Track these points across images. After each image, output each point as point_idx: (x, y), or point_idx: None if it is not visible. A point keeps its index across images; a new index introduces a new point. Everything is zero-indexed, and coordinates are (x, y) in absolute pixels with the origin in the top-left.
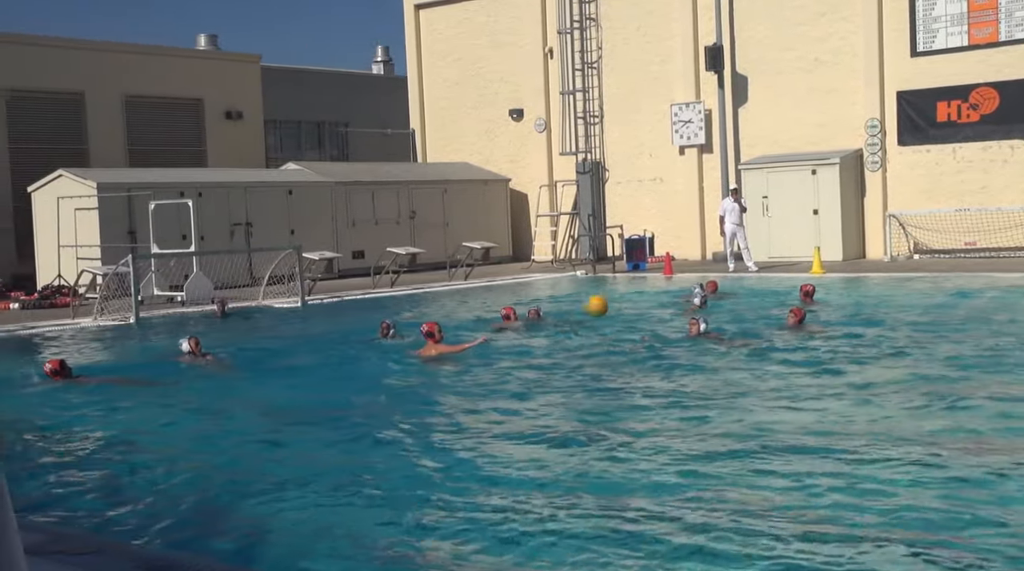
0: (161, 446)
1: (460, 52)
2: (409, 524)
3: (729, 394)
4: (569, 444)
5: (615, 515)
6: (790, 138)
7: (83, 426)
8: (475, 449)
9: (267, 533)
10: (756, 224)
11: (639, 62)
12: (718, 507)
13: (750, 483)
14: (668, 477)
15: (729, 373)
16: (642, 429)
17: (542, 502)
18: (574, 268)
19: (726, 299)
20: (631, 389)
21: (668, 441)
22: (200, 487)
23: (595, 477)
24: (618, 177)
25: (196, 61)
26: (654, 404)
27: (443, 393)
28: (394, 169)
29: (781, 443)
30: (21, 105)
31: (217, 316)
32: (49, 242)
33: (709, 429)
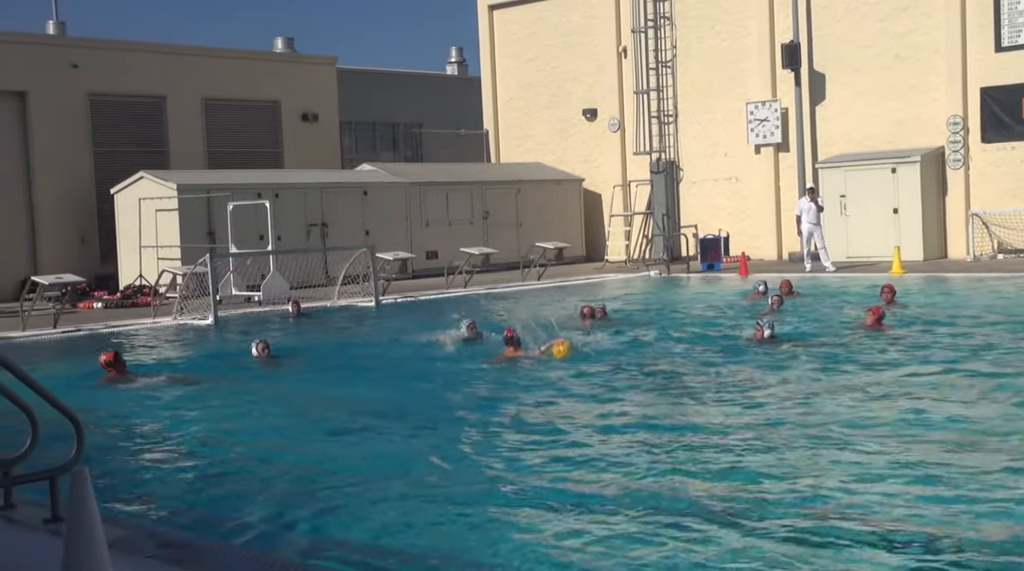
0: (234, 444)
1: (533, 52)
2: (475, 521)
3: (798, 396)
4: (638, 446)
5: (688, 514)
6: (869, 136)
7: (158, 423)
8: (547, 448)
9: (334, 530)
10: (834, 224)
11: (714, 60)
12: (801, 510)
13: (825, 486)
14: (741, 479)
15: (799, 375)
16: (712, 431)
17: (610, 505)
18: (648, 268)
19: (800, 299)
20: (699, 391)
21: (739, 443)
22: (271, 484)
23: (670, 476)
24: (693, 176)
25: (273, 64)
26: (722, 406)
27: (515, 394)
28: (467, 169)
29: (856, 445)
30: (104, 109)
31: (292, 316)
32: (131, 243)
33: (781, 431)
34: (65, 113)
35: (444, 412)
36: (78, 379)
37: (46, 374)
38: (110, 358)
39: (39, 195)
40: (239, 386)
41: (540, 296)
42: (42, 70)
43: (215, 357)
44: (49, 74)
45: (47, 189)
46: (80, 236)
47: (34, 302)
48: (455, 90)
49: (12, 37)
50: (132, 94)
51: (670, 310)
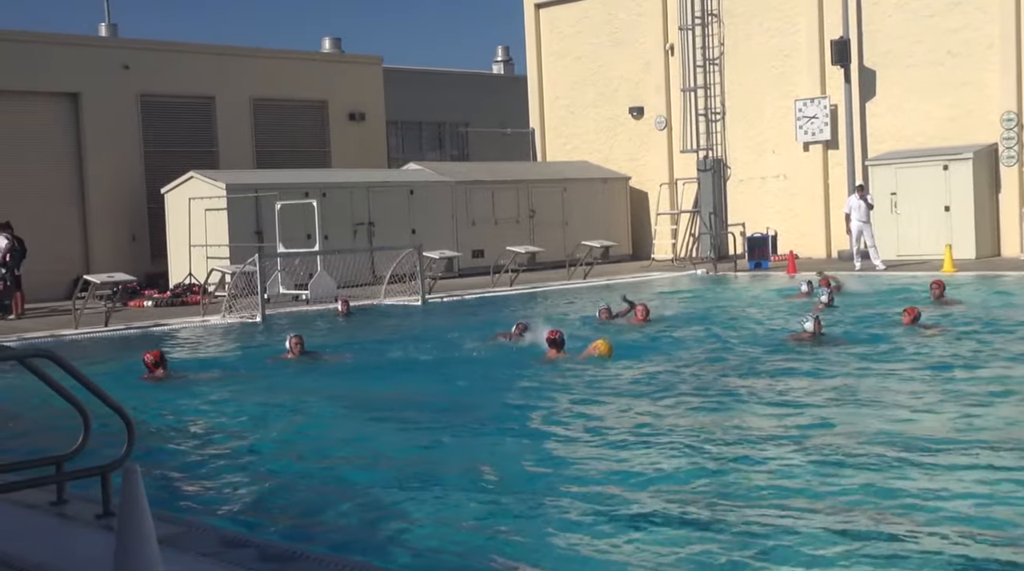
0: (282, 441)
1: (580, 51)
2: (517, 515)
3: (840, 396)
4: (682, 447)
5: (731, 511)
6: (920, 133)
7: (206, 420)
8: (594, 447)
9: (382, 526)
10: (884, 221)
11: (762, 57)
12: (847, 512)
13: (863, 487)
14: (784, 480)
15: (842, 374)
16: (755, 430)
17: (652, 502)
18: (695, 266)
19: (846, 298)
20: (744, 390)
21: (779, 443)
22: (317, 480)
23: (711, 479)
24: (740, 174)
25: (320, 64)
26: (765, 405)
27: (559, 393)
28: (513, 168)
29: (899, 447)
30: (155, 109)
31: (341, 314)
32: (181, 242)
33: (824, 432)
34: (116, 114)
35: (486, 412)
36: (126, 376)
37: (97, 371)
38: (156, 357)
39: (91, 195)
40: (285, 384)
41: (586, 295)
42: (94, 72)
43: (263, 355)
44: (101, 75)
45: (99, 189)
46: (131, 235)
47: (86, 300)
48: (501, 89)
49: (65, 39)
50: (182, 95)
51: (715, 308)
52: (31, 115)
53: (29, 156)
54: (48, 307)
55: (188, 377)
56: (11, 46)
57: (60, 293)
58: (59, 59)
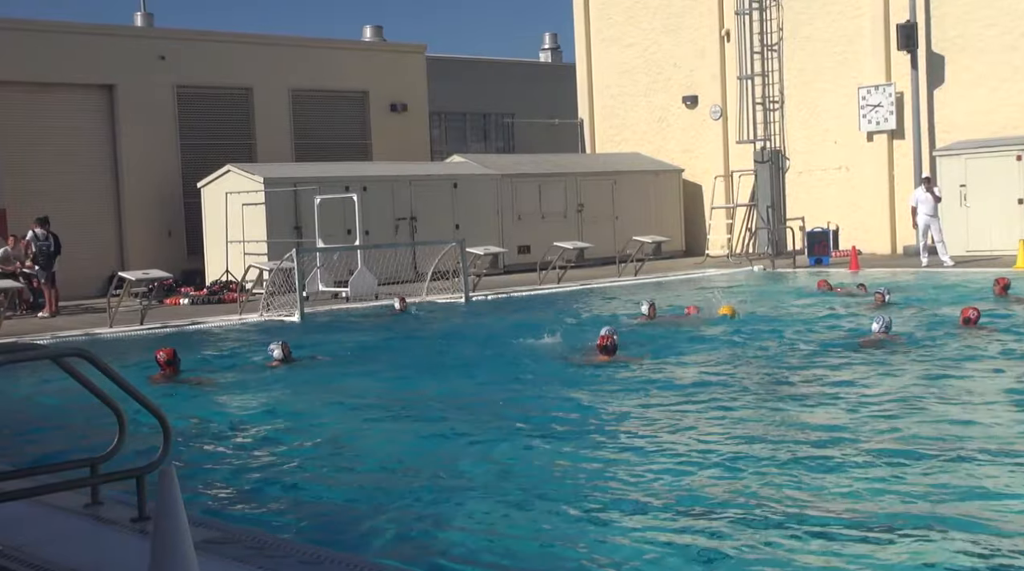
0: (313, 444)
1: (631, 37)
2: (554, 520)
3: (898, 398)
4: (732, 451)
5: (792, 514)
6: (991, 122)
7: (234, 423)
8: (650, 446)
9: (411, 528)
10: (952, 215)
11: (823, 43)
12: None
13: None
14: (850, 482)
15: (899, 376)
16: (817, 430)
17: (696, 509)
18: (751, 263)
19: (907, 296)
20: (799, 390)
21: (848, 445)
22: (352, 484)
23: (774, 479)
24: (799, 166)
25: (361, 53)
26: (823, 405)
27: (605, 394)
28: (561, 160)
29: (955, 449)
30: (191, 101)
31: (397, 311)
32: (217, 237)
33: (888, 435)
34: (152, 106)
35: (529, 412)
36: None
37: (132, 371)
38: (169, 356)
39: (126, 189)
40: (319, 386)
41: (638, 292)
42: (130, 63)
43: (299, 355)
44: (136, 66)
45: (134, 183)
46: (167, 231)
47: (121, 298)
48: (549, 78)
49: (100, 29)
50: (219, 86)
51: (774, 306)
52: (65, 108)
53: (63, 150)
54: (82, 305)
55: (215, 379)
56: (44, 36)
57: (95, 290)
58: (93, 50)
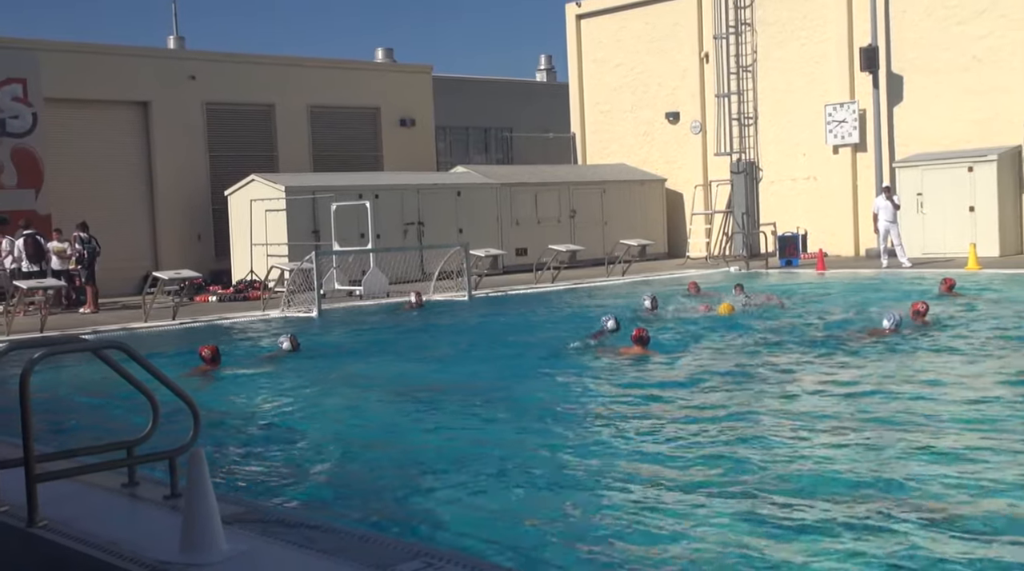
0: (331, 429)
1: (619, 59)
2: (571, 510)
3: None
4: (742, 439)
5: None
6: (946, 136)
7: (260, 409)
8: (661, 438)
9: (437, 511)
10: (910, 221)
11: (793, 64)
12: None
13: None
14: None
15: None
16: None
17: (689, 495)
18: (728, 264)
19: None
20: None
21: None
22: (369, 465)
23: (768, 469)
24: (772, 176)
25: (374, 73)
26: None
27: (632, 388)
28: (555, 171)
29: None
30: (219, 116)
31: (413, 307)
32: (243, 241)
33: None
34: (184, 121)
35: (557, 403)
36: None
37: (165, 362)
38: (214, 352)
39: (160, 196)
40: (337, 374)
41: (625, 291)
42: (163, 81)
43: (316, 346)
44: (170, 85)
45: (167, 191)
46: (197, 234)
47: (155, 296)
48: (544, 95)
49: (137, 51)
50: (244, 103)
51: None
52: (105, 122)
53: (103, 160)
54: (120, 302)
55: (241, 369)
56: (87, 58)
57: (131, 289)
58: (131, 70)
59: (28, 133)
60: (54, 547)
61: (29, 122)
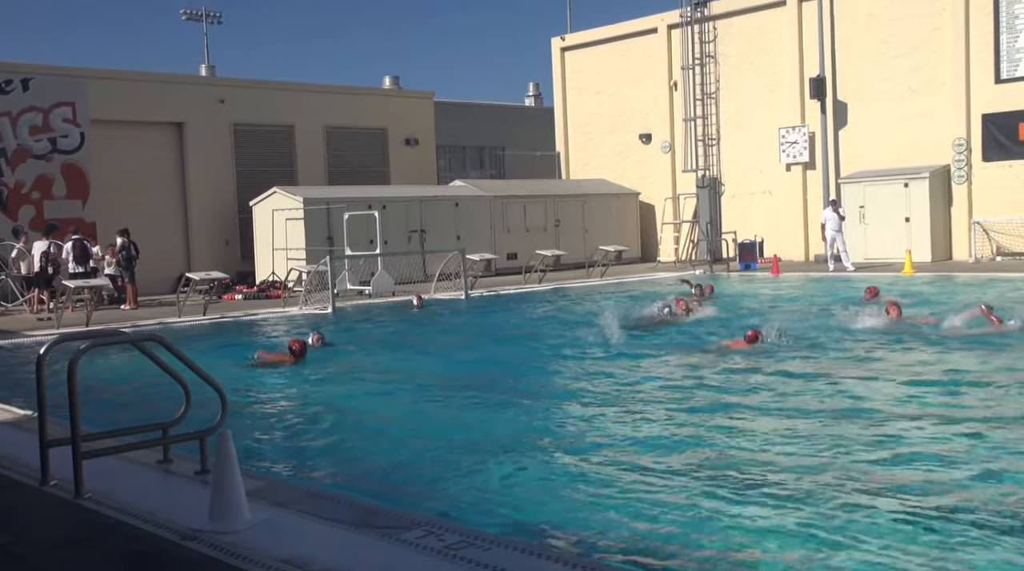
0: (349, 413)
1: (599, 86)
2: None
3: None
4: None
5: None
6: (885, 156)
7: (292, 394)
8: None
9: (446, 487)
10: (854, 230)
11: (752, 92)
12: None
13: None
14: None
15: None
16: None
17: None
18: (694, 267)
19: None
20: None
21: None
22: (384, 445)
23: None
24: (732, 190)
25: (382, 97)
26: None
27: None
28: (542, 185)
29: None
30: (245, 136)
31: (416, 307)
32: (265, 246)
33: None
34: (214, 140)
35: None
36: (225, 357)
37: (197, 353)
38: (302, 347)
39: (193, 206)
40: (356, 364)
41: (603, 290)
42: (196, 104)
43: (333, 339)
44: (201, 108)
45: (199, 201)
46: (225, 240)
47: (188, 294)
48: (532, 118)
49: (172, 78)
50: (267, 123)
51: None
52: (145, 140)
53: (142, 175)
54: (157, 299)
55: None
56: (130, 84)
57: (167, 288)
58: (168, 94)
59: (77, 150)
60: (98, 516)
61: (78, 140)
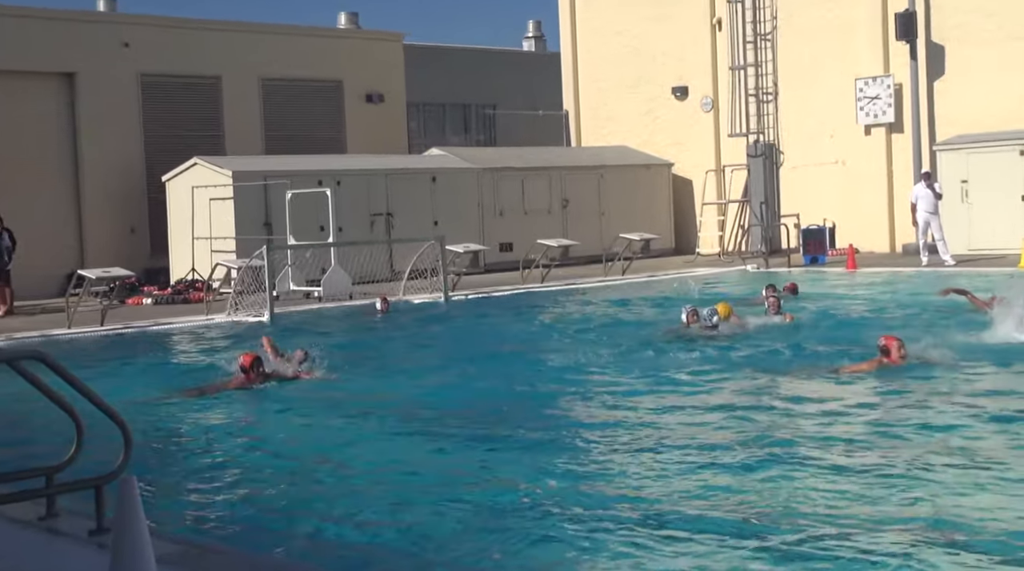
0: (297, 453)
1: (619, 25)
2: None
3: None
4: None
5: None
6: (994, 115)
7: (206, 430)
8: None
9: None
10: (954, 212)
11: (819, 32)
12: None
13: None
14: None
15: None
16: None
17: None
18: (744, 262)
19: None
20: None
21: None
22: (332, 497)
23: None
24: (794, 161)
25: (336, 41)
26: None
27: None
28: (545, 154)
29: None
30: (155, 91)
31: (380, 312)
32: (183, 234)
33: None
34: (114, 95)
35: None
36: (135, 382)
37: (91, 375)
38: (253, 360)
39: (87, 183)
40: (299, 391)
41: (625, 292)
42: (91, 50)
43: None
44: (98, 54)
45: (95, 176)
46: (129, 227)
47: (80, 297)
48: (532, 67)
49: (59, 14)
50: (185, 74)
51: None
52: (22, 96)
53: (19, 141)
54: (39, 305)
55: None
56: (1, 22)
57: (52, 290)
58: (53, 36)
59: None
60: None
61: None
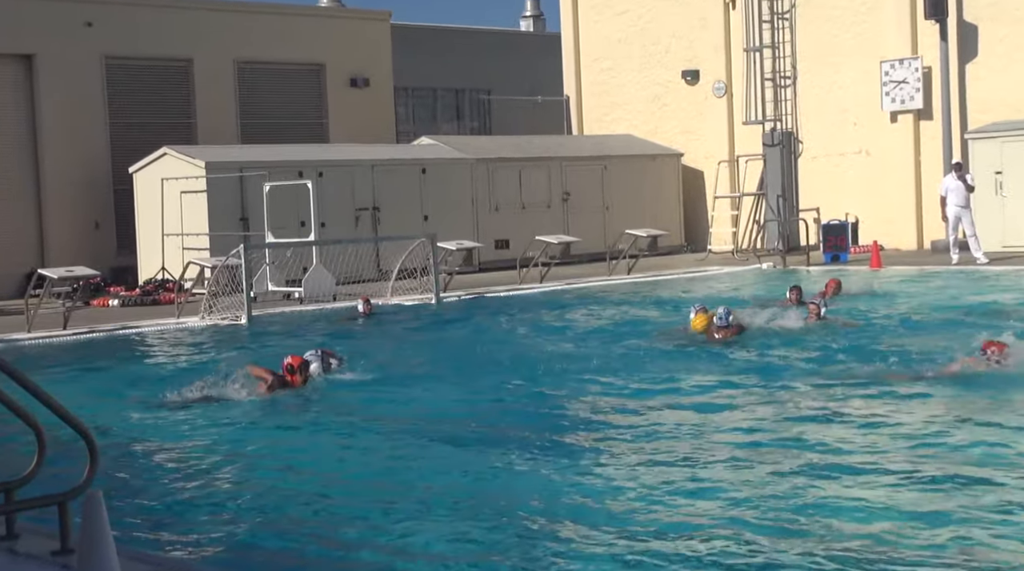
0: (269, 467)
1: (625, 4)
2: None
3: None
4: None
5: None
6: None
7: (183, 442)
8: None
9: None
10: (987, 206)
11: (841, 10)
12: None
13: None
14: None
15: None
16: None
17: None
18: (759, 260)
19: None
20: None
21: None
22: (312, 516)
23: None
24: (814, 150)
25: (318, 20)
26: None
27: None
28: (544, 143)
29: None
30: (122, 74)
31: (363, 314)
32: (152, 230)
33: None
34: (77, 79)
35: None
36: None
37: (51, 379)
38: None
39: (47, 174)
40: (283, 400)
41: (631, 292)
42: (51, 30)
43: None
44: (59, 34)
45: (56, 168)
46: (94, 222)
47: (41, 299)
48: (530, 50)
49: None
50: (154, 57)
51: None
52: None
53: None
54: None
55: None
56: None
57: (10, 290)
58: (10, 15)
59: None
60: None
61: None
